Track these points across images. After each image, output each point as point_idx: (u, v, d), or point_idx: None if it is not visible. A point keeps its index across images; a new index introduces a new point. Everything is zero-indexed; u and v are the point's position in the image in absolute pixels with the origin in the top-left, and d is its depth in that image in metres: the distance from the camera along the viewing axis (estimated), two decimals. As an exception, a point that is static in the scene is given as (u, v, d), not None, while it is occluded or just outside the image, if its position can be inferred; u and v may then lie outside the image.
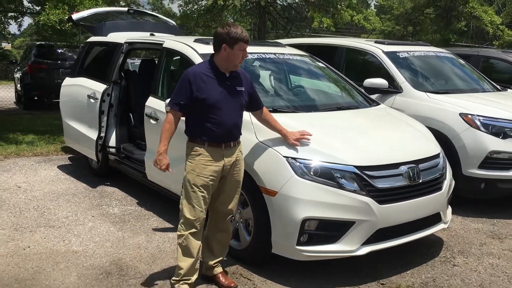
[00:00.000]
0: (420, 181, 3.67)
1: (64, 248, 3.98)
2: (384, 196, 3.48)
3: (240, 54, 3.16)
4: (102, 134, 5.48)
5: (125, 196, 5.35)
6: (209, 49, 4.56)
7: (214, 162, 3.22)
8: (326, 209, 3.36)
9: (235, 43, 3.12)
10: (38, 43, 13.24)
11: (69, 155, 6.99)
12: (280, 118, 3.71)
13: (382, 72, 5.86)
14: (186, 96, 3.13)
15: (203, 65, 3.27)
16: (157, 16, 7.59)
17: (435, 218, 3.89)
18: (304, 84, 4.87)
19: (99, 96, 5.46)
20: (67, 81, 6.32)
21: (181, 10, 15.34)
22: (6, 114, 11.54)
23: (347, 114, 4.28)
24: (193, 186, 3.21)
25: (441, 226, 3.94)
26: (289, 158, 3.46)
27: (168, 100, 3.29)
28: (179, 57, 5.01)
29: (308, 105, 4.33)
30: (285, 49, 5.12)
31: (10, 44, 46.10)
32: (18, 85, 13.89)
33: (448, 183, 3.98)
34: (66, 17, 7.14)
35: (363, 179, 3.44)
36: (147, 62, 6.27)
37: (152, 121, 4.70)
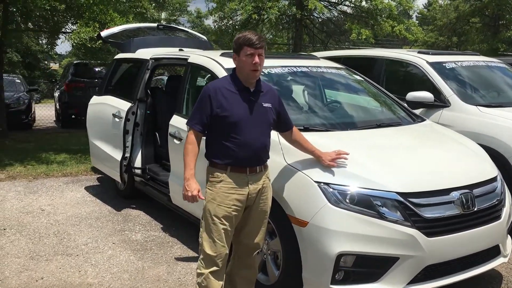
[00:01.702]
0: (475, 209, 3.17)
1: (79, 280, 3.68)
2: (433, 228, 3.01)
3: (248, 61, 2.81)
4: (127, 155, 5.23)
5: (149, 220, 5.05)
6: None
7: (238, 189, 2.86)
8: (365, 243, 2.92)
9: (240, 49, 2.82)
10: (75, 62, 13.37)
11: (98, 176, 6.80)
12: (313, 138, 3.32)
13: (426, 84, 5.36)
14: (207, 114, 2.82)
15: (225, 80, 2.96)
16: (188, 31, 7.36)
17: (493, 251, 3.36)
18: (341, 99, 4.45)
19: (123, 114, 5.21)
20: (94, 99, 6.13)
21: (216, 26, 15.23)
22: (44, 133, 11.61)
23: (388, 132, 3.82)
24: (214, 217, 2.84)
25: (500, 260, 3.41)
26: (322, 184, 3.04)
27: (188, 119, 2.95)
28: (204, 72, 4.72)
29: (344, 123, 3.90)
30: (320, 62, 4.73)
31: (57, 64, 47.69)
32: (57, 104, 14.04)
33: (508, 210, 3.46)
34: (96, 35, 7.01)
35: (407, 207, 2.98)
36: (174, 78, 6.01)
37: (176, 141, 4.39)
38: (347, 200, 2.99)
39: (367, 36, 12.78)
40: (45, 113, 14.55)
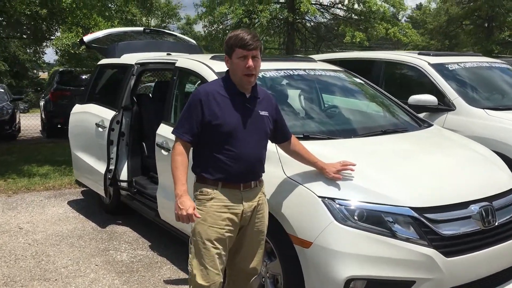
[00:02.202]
0: (496, 223, 2.85)
1: (57, 309, 3.31)
2: (452, 246, 2.69)
3: (240, 64, 2.48)
4: (112, 167, 4.86)
5: (136, 237, 4.68)
6: (227, 66, 3.94)
7: (231, 208, 2.53)
8: (376, 265, 2.59)
9: (232, 51, 2.50)
10: (61, 69, 12.96)
11: (82, 189, 6.40)
12: (313, 147, 2.99)
13: (429, 87, 5.07)
14: (197, 122, 2.48)
15: (217, 83, 2.62)
16: (176, 35, 7.02)
17: (515, 270, 3.04)
18: (340, 104, 4.13)
19: (107, 124, 4.85)
20: (76, 108, 5.75)
21: (206, 31, 14.89)
22: (28, 143, 11.18)
23: (395, 139, 3.50)
24: (206, 241, 2.50)
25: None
26: (326, 199, 2.71)
27: (175, 128, 2.59)
28: (194, 77, 4.39)
29: (346, 130, 3.56)
30: (316, 65, 4.41)
31: (46, 73, 47.07)
32: (43, 113, 13.62)
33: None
34: (78, 40, 6.65)
35: (423, 224, 2.65)
36: (162, 85, 5.65)
37: (164, 152, 4.04)
38: (355, 217, 2.66)
39: (361, 38, 12.50)
40: (31, 122, 14.14)
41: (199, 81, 4.52)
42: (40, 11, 7.29)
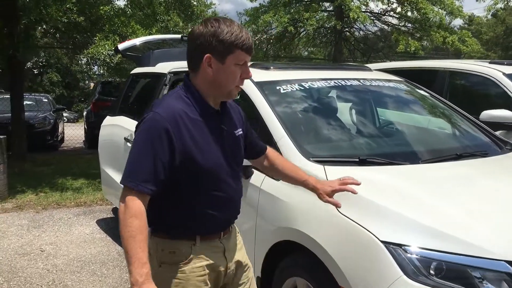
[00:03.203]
0: None
1: None
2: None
3: (237, 72, 1.76)
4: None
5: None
6: (269, 75, 3.40)
7: (215, 266, 1.85)
8: None
9: (230, 51, 1.71)
10: (103, 80, 12.86)
11: (113, 206, 5.99)
12: (371, 175, 2.41)
13: (504, 101, 4.35)
14: (164, 163, 1.67)
15: (179, 98, 1.77)
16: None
17: None
18: (401, 120, 3.49)
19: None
20: (107, 120, 5.35)
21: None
22: (68, 154, 11.04)
23: (475, 166, 2.82)
24: None
25: None
26: (392, 245, 2.09)
27: (126, 174, 1.70)
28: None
29: (411, 153, 2.92)
30: (372, 74, 3.79)
31: (97, 84, 48.10)
32: (85, 124, 13.56)
33: None
34: (114, 48, 6.30)
35: (521, 283, 1.99)
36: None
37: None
38: (432, 271, 2.02)
39: (416, 47, 11.67)
40: (76, 133, 14.11)
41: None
42: (77, 19, 7.01)
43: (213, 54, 1.71)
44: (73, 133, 14.05)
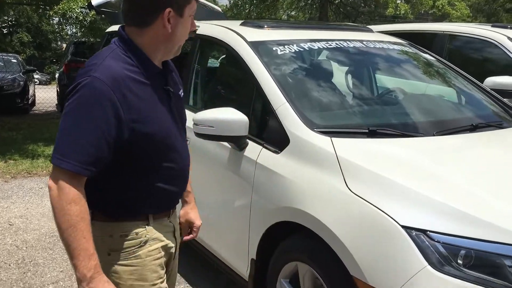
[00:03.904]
0: None
1: None
2: None
3: (189, 24, 1.57)
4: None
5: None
6: (264, 35, 3.05)
7: (168, 247, 1.66)
8: (492, 338, 1.71)
9: (187, 1, 1.52)
10: (76, 40, 12.20)
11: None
12: (383, 147, 2.13)
13: (509, 67, 4.09)
14: (108, 139, 1.41)
15: (119, 59, 1.49)
16: (198, 1, 6.10)
17: None
18: (412, 88, 3.19)
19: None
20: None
21: (232, 1, 13.88)
22: (40, 119, 10.50)
23: (494, 138, 2.56)
24: None
25: None
26: (414, 231, 1.82)
27: (57, 153, 1.41)
28: (219, 48, 3.51)
29: (423, 123, 2.62)
30: (374, 36, 3.47)
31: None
32: (57, 86, 12.94)
33: None
34: (87, 3, 5.80)
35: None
36: (180, 58, 4.76)
37: (180, 143, 3.19)
38: (459, 261, 1.77)
39: (405, 10, 11.30)
40: (48, 95, 13.45)
41: (224, 56, 3.65)
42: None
43: (173, 7, 1.49)
44: (45, 95, 13.40)
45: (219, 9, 6.13)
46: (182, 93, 1.72)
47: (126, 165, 1.50)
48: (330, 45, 3.04)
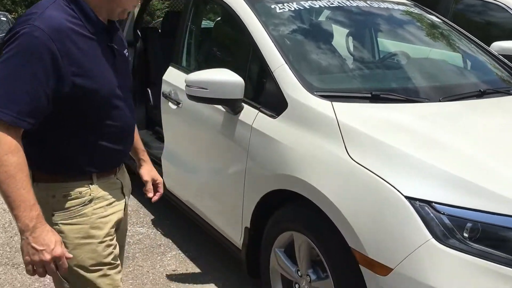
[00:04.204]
0: None
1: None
2: None
3: None
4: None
5: (137, 207, 3.77)
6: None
7: (116, 204, 1.62)
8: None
9: None
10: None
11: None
12: (386, 113, 2.01)
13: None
14: (47, 91, 1.36)
15: (60, 7, 1.43)
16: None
17: None
18: (417, 51, 3.03)
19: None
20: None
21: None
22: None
23: (503, 105, 2.43)
24: (102, 268, 1.55)
25: None
26: (418, 202, 1.71)
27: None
28: (214, 6, 3.33)
29: (429, 88, 2.47)
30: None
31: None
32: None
33: None
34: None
35: None
36: (174, 16, 4.56)
37: (172, 105, 3.06)
38: (465, 234, 1.67)
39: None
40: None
41: (219, 14, 3.47)
42: None
43: None
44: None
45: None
46: (127, 53, 1.67)
47: (67, 121, 1.47)
48: (332, 3, 2.87)
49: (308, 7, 2.78)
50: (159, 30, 4.58)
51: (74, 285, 1.54)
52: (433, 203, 1.70)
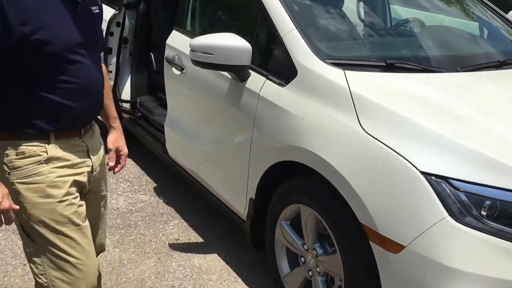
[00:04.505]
0: None
1: (21, 284, 2.42)
2: None
3: None
4: (111, 83, 3.79)
5: (139, 175, 3.70)
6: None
7: (78, 166, 1.56)
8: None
9: None
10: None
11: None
12: (401, 83, 1.91)
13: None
14: None
15: None
16: None
17: None
18: (425, 19, 2.89)
19: (105, 26, 3.71)
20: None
21: None
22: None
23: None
24: (55, 225, 1.50)
25: None
26: (434, 178, 1.63)
27: None
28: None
29: (446, 58, 2.36)
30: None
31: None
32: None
33: None
34: None
35: None
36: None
37: (176, 71, 2.95)
38: (483, 212, 1.60)
39: None
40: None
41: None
42: None
43: None
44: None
45: None
46: (98, 11, 1.57)
47: (19, 75, 1.41)
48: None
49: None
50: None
51: (39, 246, 1.52)
52: (450, 179, 1.62)
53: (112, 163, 1.77)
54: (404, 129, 1.76)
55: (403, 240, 1.64)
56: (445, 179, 1.62)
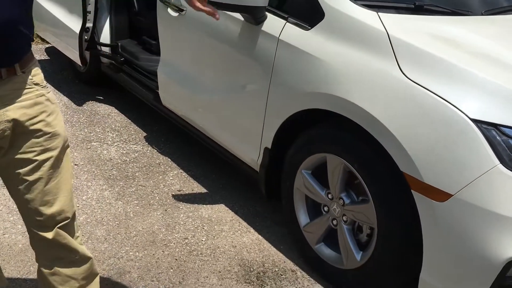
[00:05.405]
0: None
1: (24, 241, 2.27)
2: None
3: None
4: (89, 25, 3.50)
5: (126, 124, 3.52)
6: None
7: None
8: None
9: None
10: None
11: (48, 45, 4.99)
12: (436, 26, 1.85)
13: None
14: None
15: None
16: None
17: None
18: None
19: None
20: None
21: None
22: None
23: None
24: None
25: None
26: (484, 125, 1.60)
27: None
28: None
29: (472, 1, 2.30)
30: None
31: None
32: None
33: None
34: None
35: None
36: None
37: (172, 12, 2.74)
38: (535, 160, 1.59)
39: None
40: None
41: None
42: None
43: None
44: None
45: None
46: None
47: None
48: None
49: None
50: None
51: None
52: (501, 126, 1.59)
53: None
54: (449, 75, 1.70)
55: (450, 189, 1.62)
56: (495, 126, 1.59)
